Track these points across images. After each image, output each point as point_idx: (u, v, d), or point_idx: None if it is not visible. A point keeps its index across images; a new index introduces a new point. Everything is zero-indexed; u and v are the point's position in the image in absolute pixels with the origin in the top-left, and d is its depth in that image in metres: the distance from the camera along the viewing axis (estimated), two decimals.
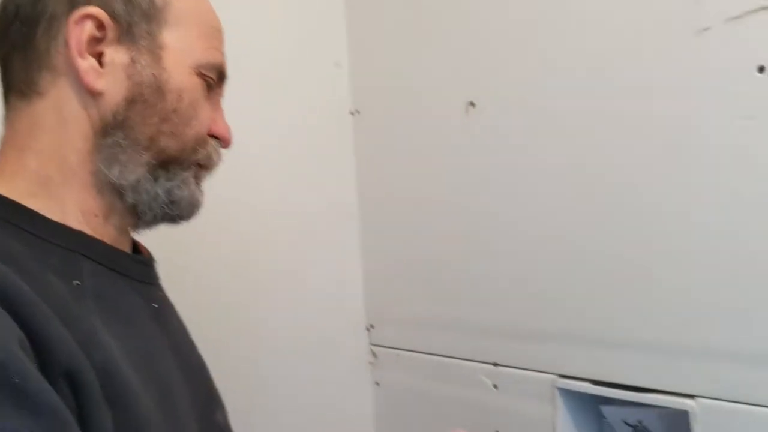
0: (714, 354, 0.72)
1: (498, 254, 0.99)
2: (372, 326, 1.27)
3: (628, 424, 0.88)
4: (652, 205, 0.79)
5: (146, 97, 0.58)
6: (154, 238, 0.68)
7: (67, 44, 0.57)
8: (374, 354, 1.27)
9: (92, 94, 0.57)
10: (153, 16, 0.59)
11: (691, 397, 0.75)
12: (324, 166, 1.26)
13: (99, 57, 0.58)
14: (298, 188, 1.21)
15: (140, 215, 0.61)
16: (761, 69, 0.68)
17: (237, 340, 1.13)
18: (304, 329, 1.21)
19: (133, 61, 0.58)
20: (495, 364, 1.00)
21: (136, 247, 0.67)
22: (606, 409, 0.89)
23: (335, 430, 1.23)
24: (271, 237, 1.18)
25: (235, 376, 1.12)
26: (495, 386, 1.00)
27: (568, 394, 0.90)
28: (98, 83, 0.57)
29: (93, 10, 0.57)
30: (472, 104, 1.02)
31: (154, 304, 0.63)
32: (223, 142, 0.66)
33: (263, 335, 1.16)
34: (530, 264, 0.94)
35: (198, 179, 0.64)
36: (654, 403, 0.79)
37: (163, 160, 0.60)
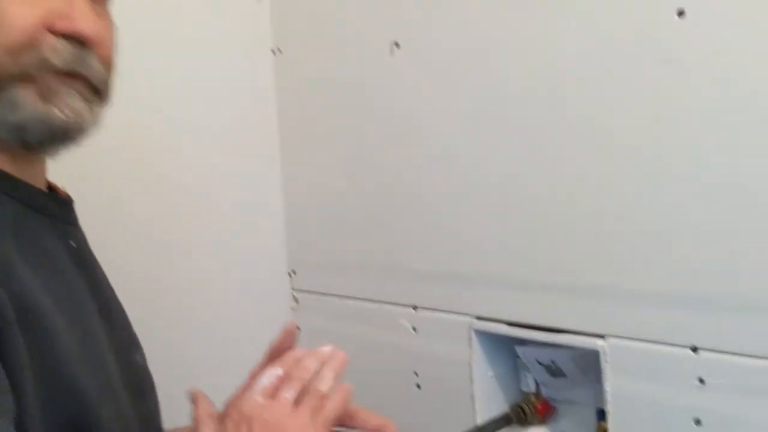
0: (623, 295, 0.74)
1: (418, 198, 0.98)
2: (294, 272, 1.26)
3: (541, 364, 0.90)
4: (563, 148, 0.79)
5: None
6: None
7: None
8: (296, 299, 1.25)
9: None
10: None
11: (602, 337, 0.77)
12: (243, 105, 1.21)
13: None
14: (215, 128, 1.17)
15: (13, 144, 0.54)
16: (681, 13, 0.69)
17: (156, 285, 1.09)
18: (224, 275, 1.18)
19: None
20: (414, 307, 1.01)
21: (53, 189, 0.62)
22: (520, 350, 0.91)
23: None
24: (188, 179, 1.14)
25: (153, 320, 1.09)
26: (414, 329, 1.01)
27: (483, 335, 0.91)
28: None
29: None
30: (397, 45, 0.99)
31: (72, 243, 0.59)
32: (76, 38, 0.53)
33: (182, 281, 1.13)
34: (448, 208, 0.94)
35: (48, 93, 0.52)
36: (567, 344, 0.81)
37: None
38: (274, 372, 0.60)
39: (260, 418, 0.56)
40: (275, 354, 0.65)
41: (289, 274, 1.26)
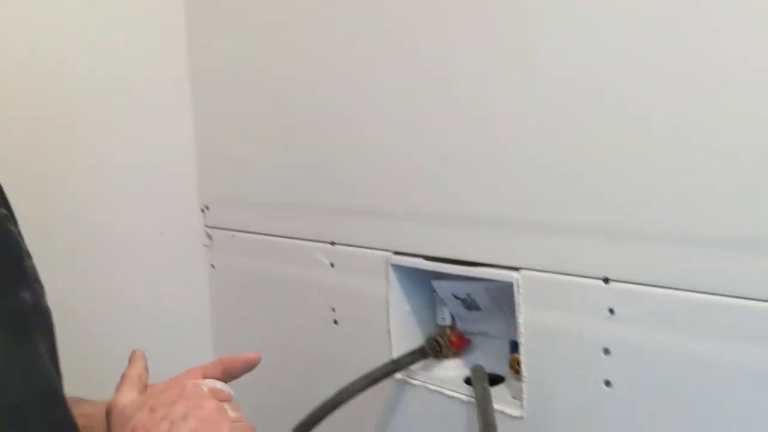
0: (537, 228, 0.74)
1: (334, 135, 0.95)
2: (207, 207, 1.21)
3: (457, 298, 0.90)
4: (466, 81, 0.77)
5: None
6: None
7: None
8: (209, 236, 1.21)
9: None
10: None
11: (516, 269, 0.77)
12: (154, 34, 1.14)
13: None
14: (125, 59, 1.10)
15: None
16: None
17: (62, 225, 1.04)
18: (134, 211, 1.13)
19: None
20: (332, 243, 0.98)
21: None
22: (437, 284, 0.91)
23: (171, 314, 1.18)
24: (97, 112, 1.07)
25: (61, 260, 1.04)
26: (332, 264, 0.99)
27: (401, 270, 0.90)
28: None
29: None
30: None
31: None
32: None
33: (92, 220, 1.08)
34: (363, 142, 0.91)
35: None
36: (482, 276, 0.81)
37: None
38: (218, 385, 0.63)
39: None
40: (227, 365, 0.67)
41: (202, 210, 1.21)
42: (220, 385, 0.63)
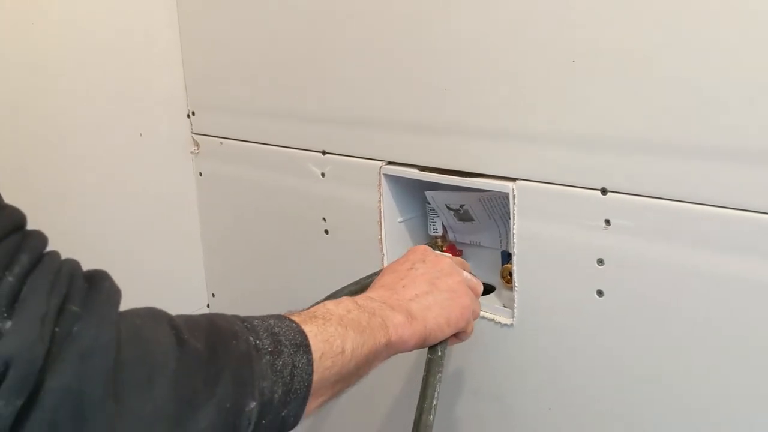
0: (534, 138, 0.73)
1: (323, 38, 0.92)
2: (193, 113, 1.18)
3: (450, 209, 0.89)
4: None
5: None
6: None
7: None
8: (196, 143, 1.19)
9: None
10: None
11: (513, 180, 0.76)
12: None
13: None
14: None
15: None
16: None
17: (42, 146, 1.00)
18: (117, 117, 1.09)
19: None
20: (323, 152, 0.97)
21: None
22: (430, 194, 0.90)
23: (159, 223, 1.17)
24: (77, 23, 1.02)
25: (48, 177, 1.01)
26: (323, 174, 0.98)
27: (394, 180, 0.89)
28: None
29: None
30: None
31: None
32: None
33: (75, 131, 1.04)
34: (355, 47, 0.88)
35: None
36: (477, 187, 0.80)
37: None
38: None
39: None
40: None
41: (188, 116, 1.18)
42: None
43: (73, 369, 0.38)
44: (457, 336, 0.71)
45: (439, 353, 0.68)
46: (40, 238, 0.43)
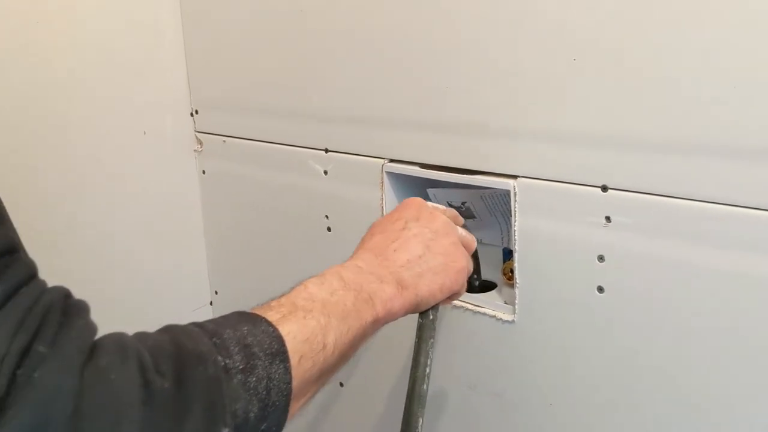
0: (536, 136, 0.73)
1: (327, 37, 0.92)
2: (196, 111, 1.18)
3: (452, 206, 0.90)
4: None
5: None
6: None
7: None
8: (200, 141, 1.19)
9: None
10: None
11: (514, 177, 0.76)
12: None
13: None
14: None
15: None
16: None
17: (46, 144, 1.01)
18: (122, 115, 1.10)
19: None
20: (326, 150, 0.97)
21: None
22: (432, 192, 0.90)
23: (162, 221, 1.18)
24: (78, 17, 1.03)
25: (52, 175, 1.02)
26: (325, 172, 0.98)
27: (396, 177, 0.90)
28: None
29: None
30: None
31: None
32: None
33: (79, 130, 1.05)
34: (358, 46, 0.88)
35: None
36: (479, 184, 0.80)
37: None
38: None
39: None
40: None
41: (192, 114, 1.19)
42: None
43: (31, 416, 0.36)
44: (450, 297, 0.68)
45: (431, 317, 0.65)
46: (22, 267, 0.41)
